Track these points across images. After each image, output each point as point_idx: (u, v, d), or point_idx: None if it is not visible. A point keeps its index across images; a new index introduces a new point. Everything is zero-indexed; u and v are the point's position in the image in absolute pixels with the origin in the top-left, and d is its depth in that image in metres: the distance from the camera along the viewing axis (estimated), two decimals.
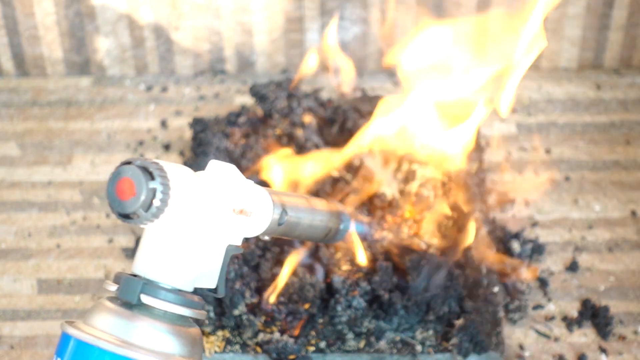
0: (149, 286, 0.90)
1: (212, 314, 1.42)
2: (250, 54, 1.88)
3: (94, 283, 1.56)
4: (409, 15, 1.82)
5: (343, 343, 1.40)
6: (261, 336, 1.40)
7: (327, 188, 1.52)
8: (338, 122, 1.66)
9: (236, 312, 1.40)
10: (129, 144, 1.77)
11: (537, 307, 1.49)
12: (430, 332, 1.40)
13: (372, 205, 1.51)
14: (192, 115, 1.81)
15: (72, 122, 1.82)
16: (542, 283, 1.52)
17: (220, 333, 1.42)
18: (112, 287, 0.92)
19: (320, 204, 1.12)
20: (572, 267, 1.55)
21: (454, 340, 1.37)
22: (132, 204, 0.88)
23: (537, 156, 1.73)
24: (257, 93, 1.69)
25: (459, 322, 1.38)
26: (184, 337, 0.90)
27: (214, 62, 1.90)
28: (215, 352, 1.40)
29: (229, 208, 0.94)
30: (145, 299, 0.89)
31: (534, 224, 1.61)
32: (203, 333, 1.42)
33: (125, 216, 0.89)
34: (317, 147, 1.62)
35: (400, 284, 1.42)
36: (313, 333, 1.41)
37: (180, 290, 0.91)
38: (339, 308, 1.39)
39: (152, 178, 0.88)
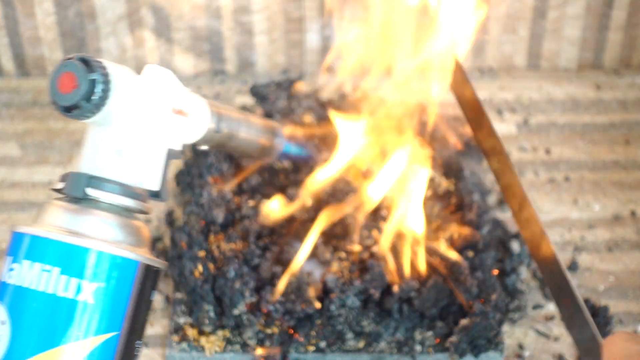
0: (94, 180, 0.94)
1: (212, 314, 1.42)
2: (250, 54, 1.89)
3: None
4: (410, 15, 1.82)
5: (343, 343, 1.40)
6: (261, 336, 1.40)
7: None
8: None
9: (236, 312, 1.40)
10: None
11: (537, 306, 1.49)
12: (430, 332, 1.40)
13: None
14: None
15: (72, 123, 1.82)
16: (542, 283, 1.52)
17: (220, 333, 1.42)
18: (60, 186, 0.96)
19: (255, 118, 1.17)
20: (572, 267, 1.55)
21: (453, 339, 1.37)
22: (74, 96, 0.92)
23: (536, 156, 1.73)
24: (257, 93, 1.69)
25: (463, 322, 1.38)
26: (130, 227, 0.94)
27: (214, 63, 1.90)
28: (216, 351, 1.40)
29: (168, 107, 0.99)
30: (90, 192, 0.94)
31: None
32: (203, 333, 1.42)
33: (68, 109, 0.93)
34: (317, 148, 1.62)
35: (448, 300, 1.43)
36: (313, 333, 1.41)
37: (124, 184, 0.95)
38: (333, 307, 1.39)
39: (92, 70, 0.92)
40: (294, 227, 1.51)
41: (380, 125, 1.50)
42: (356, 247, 1.46)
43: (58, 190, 0.97)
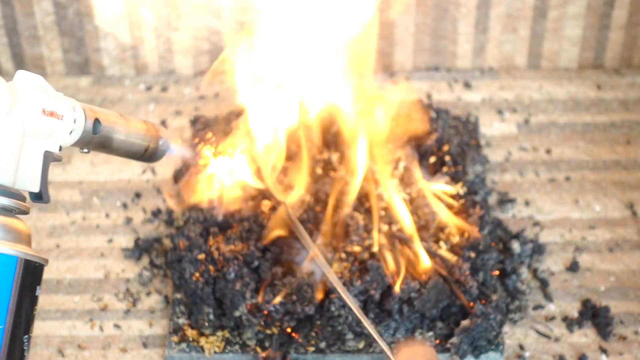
0: None
1: (211, 316, 1.42)
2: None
3: (93, 283, 1.56)
4: (409, 15, 1.82)
5: (343, 344, 1.40)
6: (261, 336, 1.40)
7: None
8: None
9: (237, 314, 1.40)
10: None
11: (538, 307, 1.49)
12: (430, 333, 1.40)
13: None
14: (191, 115, 1.80)
15: None
16: (543, 283, 1.52)
17: (220, 333, 1.42)
18: None
19: (136, 121, 1.18)
20: (573, 267, 1.54)
21: (454, 340, 1.37)
22: None
23: (537, 156, 1.72)
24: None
25: (464, 323, 1.38)
26: (7, 225, 0.96)
27: (213, 62, 1.89)
28: (215, 352, 1.40)
29: (39, 109, 1.01)
30: None
31: (535, 224, 1.61)
32: (203, 334, 1.42)
33: None
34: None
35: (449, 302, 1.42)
36: (313, 334, 1.40)
37: (5, 187, 0.97)
38: (333, 308, 1.39)
39: None
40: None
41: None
42: (356, 248, 1.46)
43: None
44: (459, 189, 1.57)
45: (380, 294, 1.41)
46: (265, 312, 1.40)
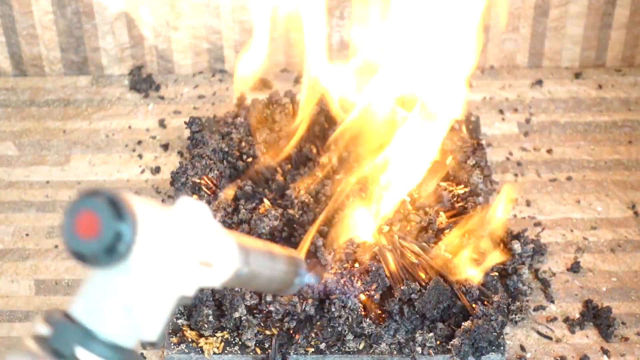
0: (87, 339, 0.80)
1: (211, 318, 1.41)
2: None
3: None
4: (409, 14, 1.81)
5: (343, 344, 1.39)
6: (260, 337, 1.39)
7: None
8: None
9: (236, 315, 1.39)
10: (127, 144, 1.76)
11: (539, 308, 1.48)
12: (431, 334, 1.39)
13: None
14: (190, 114, 1.80)
15: (70, 122, 1.81)
16: (544, 284, 1.51)
17: (219, 334, 1.41)
18: (43, 330, 0.81)
19: (279, 252, 1.01)
20: (574, 268, 1.54)
21: (455, 341, 1.36)
22: (92, 246, 0.77)
23: (538, 156, 1.72)
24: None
25: (466, 324, 1.37)
26: None
27: (212, 61, 1.89)
28: (215, 353, 1.39)
29: (195, 259, 0.84)
30: (80, 353, 0.80)
31: (536, 224, 1.60)
32: (202, 335, 1.41)
33: (82, 257, 0.77)
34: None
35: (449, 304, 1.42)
36: (312, 334, 1.40)
37: (119, 347, 0.81)
38: (333, 308, 1.38)
39: (121, 219, 0.76)
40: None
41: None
42: (356, 249, 1.45)
43: (39, 337, 0.81)
44: (460, 189, 1.56)
45: (380, 294, 1.41)
46: (265, 311, 1.39)
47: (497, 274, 1.47)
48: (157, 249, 0.79)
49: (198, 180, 1.55)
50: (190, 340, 1.41)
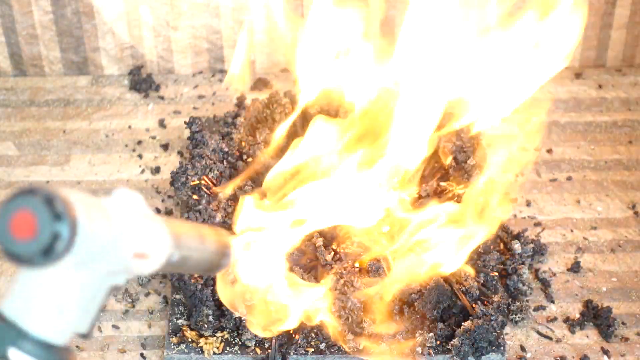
0: (18, 339, 0.77)
1: (211, 318, 1.41)
2: (249, 53, 1.87)
3: None
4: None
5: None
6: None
7: None
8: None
9: (236, 315, 1.39)
10: (127, 144, 1.76)
11: (539, 308, 1.48)
12: (431, 334, 1.39)
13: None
14: (190, 114, 1.79)
15: (70, 122, 1.81)
16: (544, 284, 1.51)
17: (219, 334, 1.41)
18: None
19: (210, 236, 0.99)
20: (574, 268, 1.54)
21: (455, 342, 1.36)
22: (28, 247, 0.73)
23: (538, 156, 1.72)
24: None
25: (466, 324, 1.37)
26: None
27: (212, 61, 1.89)
28: (215, 353, 1.39)
29: (129, 252, 0.82)
30: (12, 353, 0.77)
31: (536, 224, 1.60)
32: (202, 335, 1.41)
33: (15, 257, 0.74)
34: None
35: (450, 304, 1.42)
36: (312, 334, 1.40)
37: (51, 346, 0.79)
38: (333, 309, 1.38)
39: (58, 218, 0.73)
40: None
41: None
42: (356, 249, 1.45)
43: None
44: (460, 189, 1.56)
45: (382, 295, 1.41)
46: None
47: (497, 274, 1.47)
48: (93, 245, 0.77)
49: (198, 181, 1.55)
50: (190, 340, 1.41)
